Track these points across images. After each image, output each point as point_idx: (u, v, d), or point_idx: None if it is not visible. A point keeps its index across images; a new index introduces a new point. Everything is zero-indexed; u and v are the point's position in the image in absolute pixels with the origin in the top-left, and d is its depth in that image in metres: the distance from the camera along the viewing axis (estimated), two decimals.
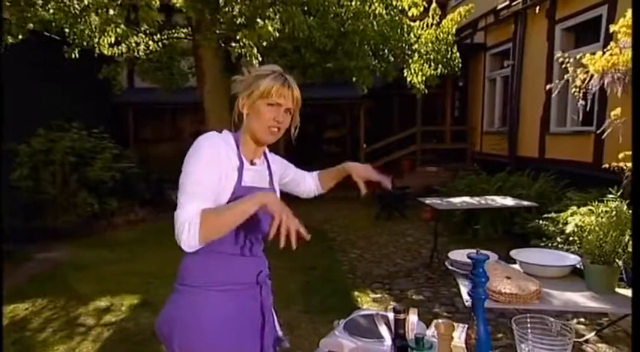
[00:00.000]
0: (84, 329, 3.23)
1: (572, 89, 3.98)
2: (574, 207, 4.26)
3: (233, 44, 5.27)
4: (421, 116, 9.23)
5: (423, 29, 6.12)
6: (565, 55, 4.10)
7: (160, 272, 4.16)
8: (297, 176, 1.61)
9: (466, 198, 5.10)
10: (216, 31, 5.13)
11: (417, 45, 6.00)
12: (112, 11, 4.49)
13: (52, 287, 4.07)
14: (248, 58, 5.05)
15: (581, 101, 3.92)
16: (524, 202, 4.75)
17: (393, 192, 7.28)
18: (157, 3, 4.36)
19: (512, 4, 7.53)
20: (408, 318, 1.19)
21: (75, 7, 4.55)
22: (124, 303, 3.68)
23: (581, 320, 3.26)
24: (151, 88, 7.72)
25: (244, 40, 4.88)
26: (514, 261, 2.18)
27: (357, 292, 3.96)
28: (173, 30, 6.50)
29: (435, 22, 6.12)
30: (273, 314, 1.37)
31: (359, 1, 5.53)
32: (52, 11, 4.47)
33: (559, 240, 3.96)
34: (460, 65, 6.40)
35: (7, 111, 5.00)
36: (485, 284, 1.14)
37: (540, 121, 6.83)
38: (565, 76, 4.09)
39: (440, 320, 1.23)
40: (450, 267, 2.21)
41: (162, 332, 1.25)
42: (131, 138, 9.77)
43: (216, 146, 1.22)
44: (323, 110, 11.47)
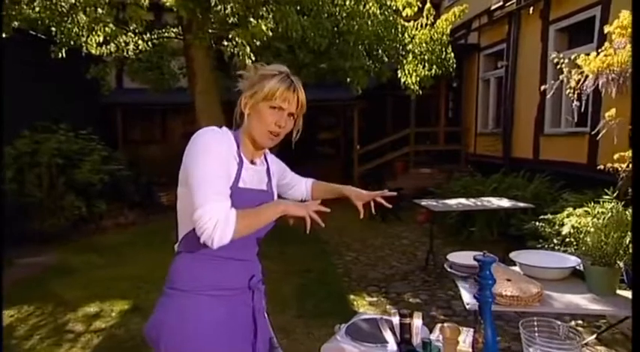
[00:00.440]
0: (72, 335, 3.15)
1: (567, 90, 3.96)
2: (570, 209, 4.27)
3: (225, 43, 5.19)
4: (415, 117, 9.22)
5: (417, 29, 6.10)
6: (560, 56, 4.08)
7: (151, 276, 4.10)
8: (293, 180, 1.60)
9: (462, 200, 5.07)
10: (208, 31, 5.05)
11: (411, 45, 5.98)
12: (100, 10, 4.40)
13: (38, 293, 3.97)
14: (241, 57, 4.98)
15: (576, 102, 3.91)
16: (520, 203, 4.73)
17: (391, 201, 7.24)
18: (146, 2, 4.27)
19: (506, 4, 7.55)
20: (412, 322, 1.17)
21: (62, 5, 4.45)
22: (113, 309, 3.60)
23: (579, 322, 3.23)
24: (141, 88, 7.62)
25: (237, 39, 4.81)
26: (511, 263, 2.15)
27: (352, 295, 3.91)
28: (163, 29, 6.41)
29: (430, 22, 6.10)
30: (266, 319, 1.33)
31: (353, 1, 5.50)
32: (38, 9, 4.36)
33: (555, 241, 3.95)
34: (455, 66, 6.39)
35: None
36: (492, 286, 1.13)
37: (535, 122, 6.83)
38: (560, 77, 4.07)
39: (445, 324, 1.21)
40: (449, 270, 2.16)
41: (151, 337, 1.22)
42: (120, 139, 9.61)
43: (223, 141, 1.18)
44: (316, 111, 11.42)
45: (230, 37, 4.91)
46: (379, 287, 4.11)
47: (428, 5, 6.09)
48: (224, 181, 1.13)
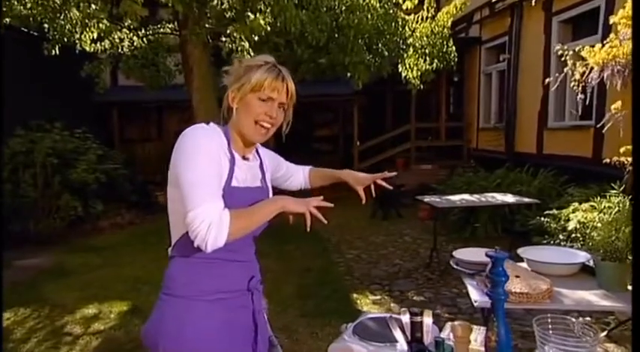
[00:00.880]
0: (71, 338, 3.09)
1: (572, 83, 3.88)
2: (575, 204, 4.19)
3: (223, 39, 5.11)
4: (415, 113, 9.13)
5: (417, 23, 6.01)
6: (564, 48, 3.99)
7: (149, 277, 4.03)
8: (289, 171, 1.53)
9: (465, 196, 4.99)
10: (205, 26, 4.97)
11: (411, 39, 5.89)
12: (93, 5, 4.31)
13: (35, 295, 3.89)
14: (239, 53, 4.90)
15: (581, 95, 3.83)
16: (525, 199, 4.66)
17: (390, 191, 7.17)
18: None
19: None
20: (423, 321, 1.16)
21: (54, 0, 4.36)
22: (112, 310, 3.54)
23: (587, 319, 3.15)
24: (136, 85, 7.53)
25: (235, 35, 4.72)
26: (519, 260, 2.10)
27: (355, 294, 3.84)
28: (159, 25, 6.32)
29: (430, 15, 6.01)
30: (265, 320, 1.30)
31: None
32: (29, 5, 4.26)
33: (561, 237, 3.88)
34: (456, 59, 6.30)
35: None
36: (506, 283, 1.11)
37: (538, 116, 6.74)
38: (564, 70, 3.98)
39: (456, 322, 1.18)
40: (456, 267, 2.13)
41: (148, 344, 1.20)
42: (116, 138, 9.52)
43: (213, 138, 1.12)
44: (314, 108, 11.34)
45: (228, 32, 4.83)
46: (382, 286, 4.05)
47: None
48: (216, 181, 1.08)
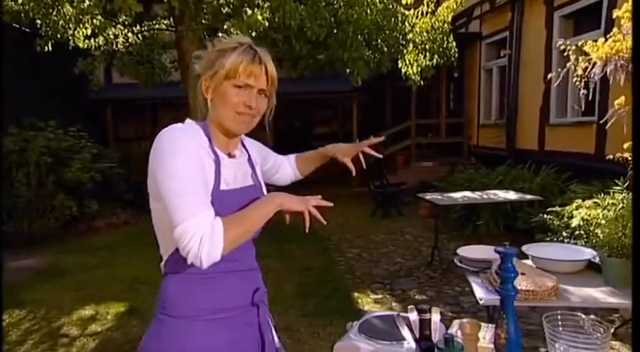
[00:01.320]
0: (67, 340, 3.05)
1: (574, 78, 3.81)
2: (578, 200, 4.14)
3: (220, 35, 5.03)
4: (415, 109, 9.06)
5: (417, 18, 5.94)
6: (567, 43, 3.92)
7: (147, 277, 3.97)
8: (277, 162, 1.39)
9: (467, 193, 4.94)
10: (201, 22, 4.89)
11: (411, 34, 5.82)
12: (87, 1, 4.22)
13: (30, 297, 3.83)
14: None
15: (583, 90, 3.76)
16: (527, 196, 4.61)
17: (390, 189, 7.10)
18: None
19: None
20: (431, 318, 1.14)
21: None
22: (109, 311, 3.49)
23: (591, 316, 3.10)
24: (131, 83, 7.43)
25: (232, 30, 4.65)
26: (523, 257, 2.04)
27: (356, 293, 3.79)
28: (154, 21, 6.21)
29: (430, 10, 5.94)
30: (273, 335, 1.18)
31: None
32: (21, 1, 4.18)
33: (565, 234, 3.83)
34: (456, 55, 6.23)
35: None
36: (515, 279, 1.10)
37: (539, 112, 6.67)
38: (567, 65, 3.91)
39: (464, 319, 1.16)
40: (460, 264, 2.08)
41: None
42: (110, 136, 9.41)
43: (192, 138, 1.00)
44: (313, 105, 11.27)
45: (225, 28, 4.75)
46: (384, 284, 4.00)
47: None
48: (201, 187, 0.95)
